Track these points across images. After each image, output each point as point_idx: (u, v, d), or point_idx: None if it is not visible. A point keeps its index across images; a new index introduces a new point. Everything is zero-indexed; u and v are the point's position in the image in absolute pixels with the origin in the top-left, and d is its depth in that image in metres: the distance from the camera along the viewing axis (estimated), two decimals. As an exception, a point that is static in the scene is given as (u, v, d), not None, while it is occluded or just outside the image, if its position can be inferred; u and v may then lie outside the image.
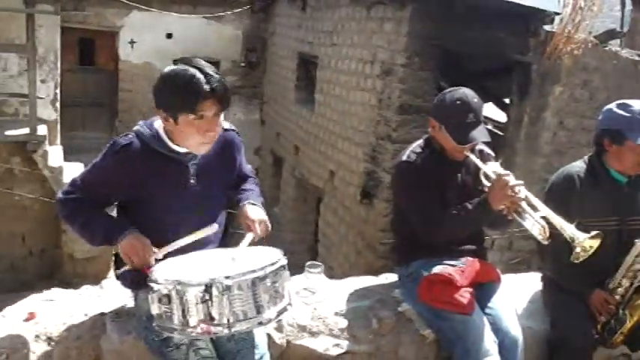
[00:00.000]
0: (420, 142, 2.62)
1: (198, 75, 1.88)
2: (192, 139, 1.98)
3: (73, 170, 8.64)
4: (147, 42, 11.19)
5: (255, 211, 2.17)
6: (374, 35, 7.61)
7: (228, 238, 2.31)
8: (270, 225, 2.17)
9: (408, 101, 6.99)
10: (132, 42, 11.11)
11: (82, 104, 10.58)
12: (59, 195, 2.12)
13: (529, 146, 7.30)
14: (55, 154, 8.61)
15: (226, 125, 2.15)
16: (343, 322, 2.58)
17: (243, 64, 12.08)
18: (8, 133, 8.32)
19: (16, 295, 8.41)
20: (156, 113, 2.03)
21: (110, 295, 2.61)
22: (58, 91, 9.26)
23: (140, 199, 2.08)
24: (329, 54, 9.11)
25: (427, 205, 2.46)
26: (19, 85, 8.84)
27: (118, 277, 2.23)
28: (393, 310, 2.66)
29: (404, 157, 2.55)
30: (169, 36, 11.39)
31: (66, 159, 8.80)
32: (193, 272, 1.82)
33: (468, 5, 6.57)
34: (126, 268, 2.06)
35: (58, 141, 9.31)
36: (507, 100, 7.94)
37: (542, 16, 6.90)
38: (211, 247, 2.16)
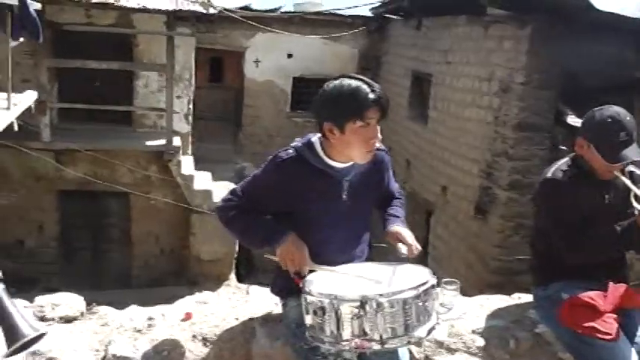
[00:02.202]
0: (567, 159, 2.51)
1: (363, 85, 1.98)
2: (357, 148, 2.04)
3: (203, 178, 9.40)
4: (269, 61, 11.86)
5: (403, 230, 2.22)
6: (492, 53, 7.72)
7: (373, 253, 2.37)
8: (419, 246, 2.20)
9: (526, 119, 7.03)
10: (256, 61, 11.83)
11: (210, 118, 11.39)
12: (219, 203, 2.23)
13: (652, 165, 7.06)
14: (187, 163, 9.38)
15: (377, 144, 2.18)
16: (480, 341, 2.55)
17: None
18: (148, 143, 9.21)
19: (150, 290, 9.22)
20: (314, 130, 2.13)
21: (256, 300, 2.72)
22: (191, 106, 10.10)
23: (293, 212, 2.13)
24: (444, 72, 9.28)
25: (571, 224, 2.35)
26: (158, 100, 9.75)
27: (240, 280, 2.41)
28: (530, 331, 2.60)
29: (549, 175, 2.45)
30: (290, 55, 11.98)
31: (195, 168, 9.58)
32: (347, 287, 1.87)
33: (591, 23, 6.53)
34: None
35: (190, 151, 10.12)
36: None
37: (669, 32, 6.70)
38: (358, 261, 2.21)
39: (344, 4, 11.66)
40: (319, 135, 2.13)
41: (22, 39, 7.13)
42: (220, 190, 9.46)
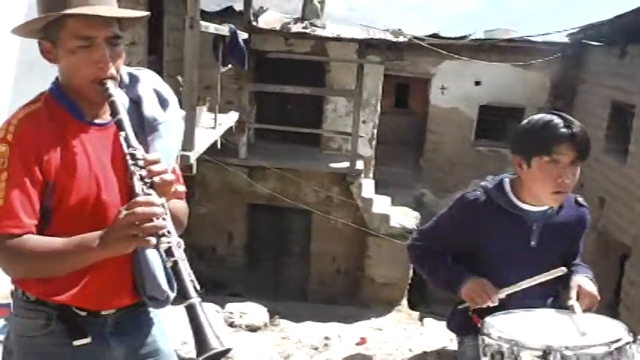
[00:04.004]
0: None
1: (557, 119, 1.91)
2: (542, 187, 1.95)
3: (382, 202, 9.55)
4: (456, 88, 11.70)
5: (586, 283, 2.06)
6: None
7: (559, 302, 2.22)
8: (597, 300, 2.03)
9: None
10: (442, 88, 11.74)
11: (392, 142, 11.52)
12: (409, 242, 2.32)
13: None
14: (367, 187, 9.60)
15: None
16: None
17: (548, 112, 11.83)
18: (332, 165, 9.61)
19: (324, 307, 9.54)
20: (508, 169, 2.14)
21: (431, 333, 2.75)
22: (375, 130, 10.35)
23: (477, 253, 2.11)
24: (649, 104, 8.49)
25: None
26: (344, 125, 10.14)
27: (411, 306, 2.37)
28: None
29: None
30: (477, 83, 11.70)
31: (375, 191, 9.76)
32: (528, 333, 1.79)
33: None
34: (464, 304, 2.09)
35: (371, 175, 10.36)
36: None
37: None
38: (541, 308, 2.09)
39: (538, 30, 11.11)
40: (512, 175, 2.10)
41: (230, 66, 7.93)
42: (398, 215, 9.54)
